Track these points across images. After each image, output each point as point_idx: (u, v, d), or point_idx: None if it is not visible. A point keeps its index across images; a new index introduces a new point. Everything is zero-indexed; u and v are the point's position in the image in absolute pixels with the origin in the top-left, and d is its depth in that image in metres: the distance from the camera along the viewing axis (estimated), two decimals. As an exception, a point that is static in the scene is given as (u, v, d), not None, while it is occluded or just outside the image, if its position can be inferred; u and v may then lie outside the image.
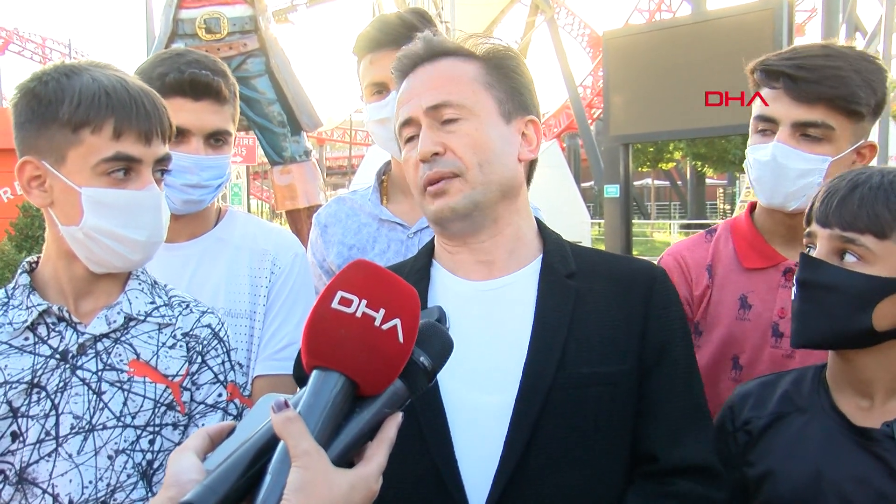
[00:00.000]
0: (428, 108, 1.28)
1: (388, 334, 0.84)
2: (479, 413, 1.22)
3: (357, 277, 0.85)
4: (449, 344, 0.92)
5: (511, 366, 1.23)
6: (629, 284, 1.31)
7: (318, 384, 0.84)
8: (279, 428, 0.80)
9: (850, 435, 1.31)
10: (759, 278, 1.68)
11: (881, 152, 9.43)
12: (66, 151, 1.27)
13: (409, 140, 1.33)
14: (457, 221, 1.28)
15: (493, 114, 1.30)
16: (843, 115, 1.55)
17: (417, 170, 1.29)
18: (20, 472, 1.26)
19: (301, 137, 7.27)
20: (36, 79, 1.30)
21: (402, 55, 1.36)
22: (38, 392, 1.28)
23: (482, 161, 1.27)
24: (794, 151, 1.57)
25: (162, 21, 7.16)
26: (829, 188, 1.34)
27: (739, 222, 1.78)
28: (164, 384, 1.35)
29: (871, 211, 1.26)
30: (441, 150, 1.26)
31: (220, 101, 1.74)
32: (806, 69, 1.55)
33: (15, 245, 8.20)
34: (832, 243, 1.29)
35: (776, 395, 1.42)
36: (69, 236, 1.31)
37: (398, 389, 0.87)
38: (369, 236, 2.00)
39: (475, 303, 1.30)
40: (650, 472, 1.25)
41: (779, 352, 1.64)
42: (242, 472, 0.80)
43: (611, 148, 11.80)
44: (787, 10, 8.97)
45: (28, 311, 1.31)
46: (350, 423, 0.85)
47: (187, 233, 1.81)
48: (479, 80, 1.31)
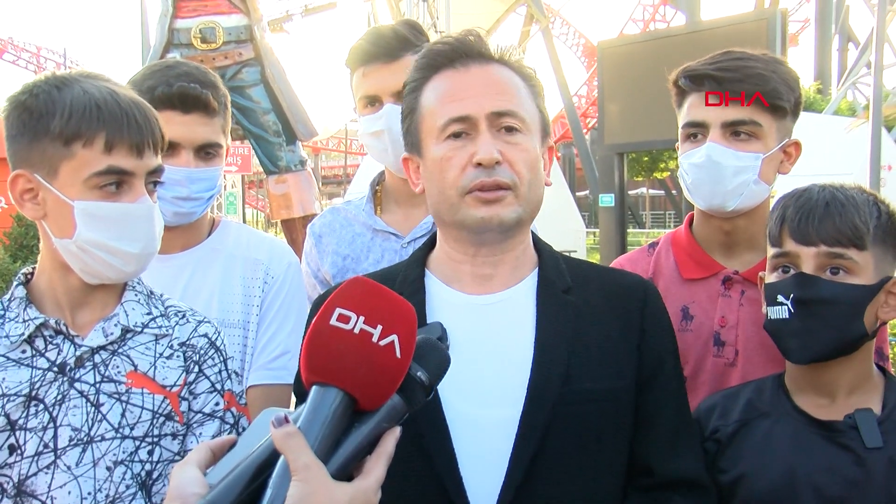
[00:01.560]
0: (492, 113, 1.24)
1: (385, 350, 0.85)
2: (482, 428, 1.21)
3: (355, 294, 0.87)
4: (446, 358, 0.94)
5: (514, 381, 1.22)
6: (623, 298, 1.31)
7: (318, 399, 0.85)
8: (279, 442, 0.82)
9: (816, 430, 1.39)
10: (699, 288, 1.70)
11: (873, 161, 9.46)
12: (58, 165, 1.27)
13: (452, 136, 1.26)
14: (497, 233, 1.26)
15: (538, 134, 1.30)
16: (768, 112, 1.60)
17: (464, 171, 1.24)
18: (18, 485, 1.26)
19: (296, 147, 7.28)
20: (27, 91, 1.29)
21: (440, 45, 1.31)
22: (35, 405, 1.28)
23: (532, 180, 1.26)
24: (727, 150, 1.61)
25: (157, 30, 7.19)
26: (796, 208, 1.40)
27: (679, 234, 1.81)
28: (162, 395, 1.35)
29: (851, 225, 1.36)
30: (501, 160, 1.23)
31: (210, 113, 1.74)
32: (729, 70, 1.60)
33: (10, 255, 8.20)
34: (819, 260, 1.37)
35: (740, 404, 1.48)
36: (63, 249, 1.31)
37: (396, 404, 0.88)
38: (363, 246, 2.00)
39: (474, 317, 1.29)
40: (645, 485, 1.25)
41: (721, 360, 1.66)
42: (244, 487, 0.82)
43: (605, 157, 11.83)
44: (781, 21, 9.03)
45: (25, 324, 1.31)
46: (349, 438, 0.86)
47: (180, 243, 1.81)
48: (529, 96, 1.29)
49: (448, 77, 1.28)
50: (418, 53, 1.39)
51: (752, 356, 1.63)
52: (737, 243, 1.70)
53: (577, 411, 1.21)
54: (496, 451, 1.19)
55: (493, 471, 1.18)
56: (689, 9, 18.25)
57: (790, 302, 1.38)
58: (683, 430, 1.30)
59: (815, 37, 28.03)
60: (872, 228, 1.37)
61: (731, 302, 1.66)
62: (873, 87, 10.03)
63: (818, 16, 27.70)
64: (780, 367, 1.51)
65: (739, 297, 1.65)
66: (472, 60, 1.28)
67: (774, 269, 1.43)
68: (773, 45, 8.67)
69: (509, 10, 31.47)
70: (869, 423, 1.36)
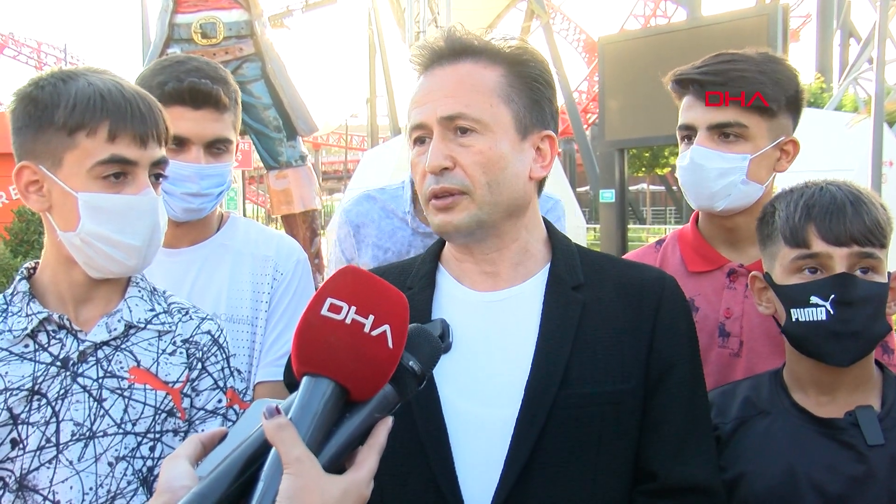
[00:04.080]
0: (442, 118, 1.23)
1: (377, 340, 0.84)
2: (479, 426, 1.21)
3: (346, 284, 0.86)
4: (437, 347, 0.93)
5: (513, 380, 1.21)
6: (639, 294, 1.28)
7: (309, 390, 0.84)
8: (271, 434, 0.81)
9: (816, 427, 1.38)
10: (704, 281, 1.74)
11: (875, 157, 9.44)
12: (62, 155, 1.27)
13: (418, 142, 1.28)
14: (462, 236, 1.26)
15: (509, 130, 1.25)
16: (754, 113, 1.63)
17: (425, 178, 1.25)
18: (20, 479, 1.26)
19: (297, 142, 7.26)
20: (33, 84, 1.31)
21: (423, 46, 1.30)
22: (38, 399, 1.28)
23: (491, 181, 1.23)
24: (711, 152, 1.65)
25: (158, 26, 7.16)
26: (821, 207, 1.38)
27: (685, 230, 1.85)
28: (164, 391, 1.35)
29: (877, 224, 1.36)
30: (451, 165, 1.22)
31: (220, 109, 1.74)
32: (713, 74, 1.65)
33: (10, 250, 8.23)
34: (851, 260, 1.36)
35: (737, 402, 1.48)
36: (67, 242, 1.31)
37: (388, 394, 0.88)
38: (404, 241, 2.01)
39: (480, 314, 1.28)
40: (649, 490, 1.23)
41: (726, 351, 1.68)
42: (234, 479, 0.81)
43: (606, 153, 11.85)
44: (782, 16, 9.03)
45: (28, 318, 1.31)
46: (341, 429, 0.86)
47: (189, 239, 1.82)
48: (499, 92, 1.24)
49: (418, 82, 1.29)
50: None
51: (757, 347, 1.65)
52: (740, 239, 1.72)
53: (575, 414, 1.19)
54: (493, 451, 1.19)
55: (489, 470, 1.18)
56: (689, 4, 18.23)
57: (829, 304, 1.34)
58: (693, 435, 1.25)
59: (817, 32, 27.96)
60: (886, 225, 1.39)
61: (736, 294, 1.69)
62: (875, 82, 9.99)
63: (819, 11, 27.64)
64: (783, 357, 1.51)
65: (744, 289, 1.67)
66: (440, 62, 1.26)
67: (796, 270, 1.39)
68: (774, 41, 8.67)
69: (510, 6, 31.45)
70: (870, 420, 1.35)
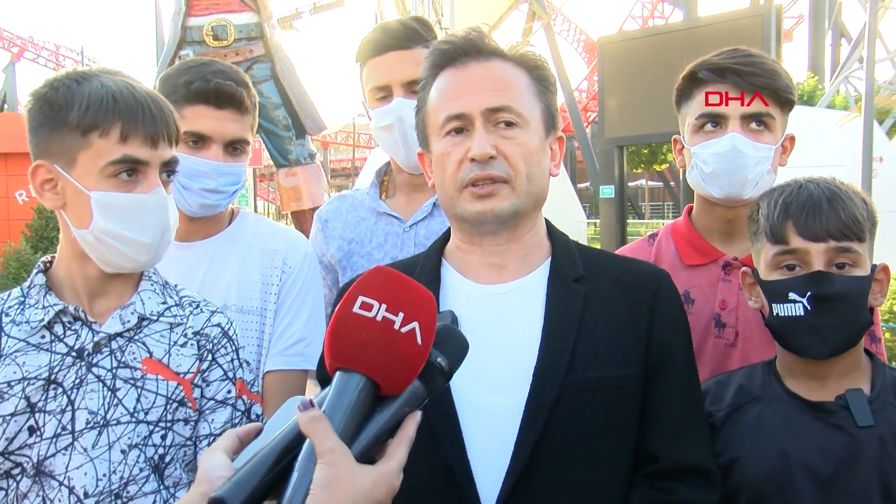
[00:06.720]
0: (488, 109, 1.27)
1: (407, 337, 0.87)
2: (490, 414, 1.25)
3: (377, 283, 0.89)
4: (464, 345, 0.97)
5: (521, 369, 1.25)
6: (636, 287, 1.33)
7: (342, 385, 0.87)
8: (305, 426, 0.84)
9: (808, 411, 1.41)
10: (700, 274, 1.76)
11: (865, 153, 9.54)
12: (76, 154, 1.31)
13: (451, 132, 1.30)
14: (495, 224, 1.29)
15: (540, 126, 1.32)
16: (779, 105, 1.67)
17: (460, 166, 1.28)
18: (38, 465, 1.30)
19: (306, 140, 7.33)
20: (48, 85, 1.34)
21: (444, 44, 1.34)
22: (55, 388, 1.31)
23: (530, 172, 1.28)
24: (748, 141, 1.66)
25: (171, 28, 7.19)
26: (798, 204, 1.40)
27: (679, 224, 1.87)
28: (175, 381, 1.39)
29: (854, 219, 1.37)
30: (495, 154, 1.26)
31: (242, 111, 1.80)
32: (749, 64, 1.65)
33: (31, 246, 8.35)
34: (829, 255, 1.37)
35: (731, 389, 1.51)
36: (81, 238, 1.35)
37: (417, 389, 0.91)
38: (367, 230, 2.05)
39: (485, 306, 1.31)
40: (651, 472, 1.28)
41: (721, 341, 1.71)
42: (269, 469, 0.84)
43: (606, 150, 11.94)
44: (776, 17, 9.13)
45: (45, 310, 1.35)
46: (372, 422, 0.89)
47: (202, 233, 1.87)
48: (531, 89, 1.32)
49: (449, 75, 1.32)
50: (428, 48, 1.44)
51: (752, 337, 1.67)
52: (736, 231, 1.74)
53: (581, 399, 1.23)
54: (503, 437, 1.22)
55: (500, 456, 1.22)
56: (686, 5, 18.30)
57: (806, 300, 1.37)
58: (690, 420, 1.31)
59: (809, 32, 28.11)
60: (865, 219, 1.40)
61: (731, 286, 1.71)
62: (865, 80, 9.99)
63: (812, 12, 27.82)
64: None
65: (739, 281, 1.68)
66: (472, 58, 1.32)
67: (777, 266, 1.42)
68: (768, 41, 8.75)
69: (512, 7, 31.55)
70: (860, 402, 1.38)
